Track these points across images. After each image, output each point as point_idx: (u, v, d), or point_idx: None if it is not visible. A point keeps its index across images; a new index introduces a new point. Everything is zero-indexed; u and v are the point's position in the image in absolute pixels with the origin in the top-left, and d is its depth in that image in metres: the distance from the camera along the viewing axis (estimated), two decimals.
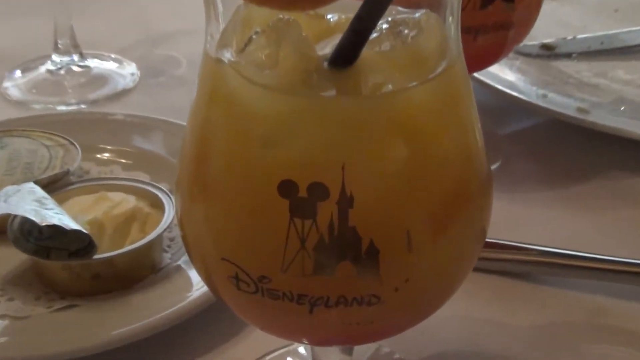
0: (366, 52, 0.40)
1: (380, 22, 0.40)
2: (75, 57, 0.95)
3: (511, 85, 0.83)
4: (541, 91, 0.84)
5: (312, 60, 0.40)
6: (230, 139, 0.42)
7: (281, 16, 0.41)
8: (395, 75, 0.40)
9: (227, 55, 0.42)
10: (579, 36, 0.96)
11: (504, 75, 0.85)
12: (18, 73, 0.95)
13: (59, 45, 0.95)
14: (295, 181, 0.39)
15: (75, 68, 0.95)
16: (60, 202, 0.63)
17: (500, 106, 0.83)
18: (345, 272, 0.40)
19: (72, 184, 0.67)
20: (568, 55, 0.93)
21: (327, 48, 0.41)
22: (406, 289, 0.41)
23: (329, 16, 0.43)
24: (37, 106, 0.89)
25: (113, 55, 0.99)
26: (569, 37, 0.96)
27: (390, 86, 0.40)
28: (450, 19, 0.43)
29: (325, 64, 0.40)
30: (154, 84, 0.94)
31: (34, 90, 0.92)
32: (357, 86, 0.40)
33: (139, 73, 0.96)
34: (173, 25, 1.07)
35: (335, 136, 0.39)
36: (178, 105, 0.86)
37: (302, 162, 0.39)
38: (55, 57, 0.95)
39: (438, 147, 0.41)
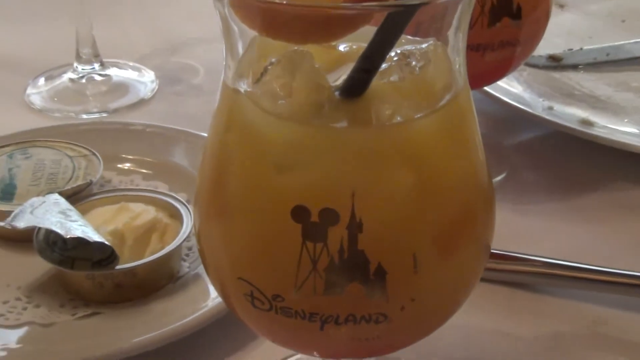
0: (376, 83, 0.41)
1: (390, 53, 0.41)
2: (97, 66, 0.96)
3: (518, 97, 0.84)
4: (547, 103, 0.85)
5: (324, 91, 0.41)
6: (246, 164, 0.43)
7: (295, 47, 0.42)
8: (404, 105, 0.41)
9: (244, 86, 0.43)
10: (586, 47, 0.96)
11: (510, 86, 0.86)
12: (41, 81, 0.96)
13: (81, 55, 0.96)
14: (307, 207, 0.40)
15: (96, 77, 0.96)
16: (83, 212, 0.64)
17: (507, 117, 0.83)
18: (354, 292, 0.41)
19: (95, 194, 0.68)
20: (574, 67, 0.94)
21: (338, 78, 0.42)
22: (412, 307, 0.43)
23: (340, 46, 0.44)
24: (59, 114, 0.90)
25: (132, 64, 1.00)
26: (576, 49, 0.96)
27: (398, 117, 0.41)
28: (455, 51, 0.44)
29: (337, 94, 0.41)
30: (172, 93, 0.95)
31: (55, 99, 0.93)
32: (368, 116, 0.41)
33: (157, 81, 0.96)
34: (190, 33, 1.08)
35: (346, 164, 0.40)
36: (196, 114, 0.88)
37: (314, 188, 0.40)
38: (77, 66, 0.96)
39: (444, 174, 0.43)
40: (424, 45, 0.44)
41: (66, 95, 0.94)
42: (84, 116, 0.90)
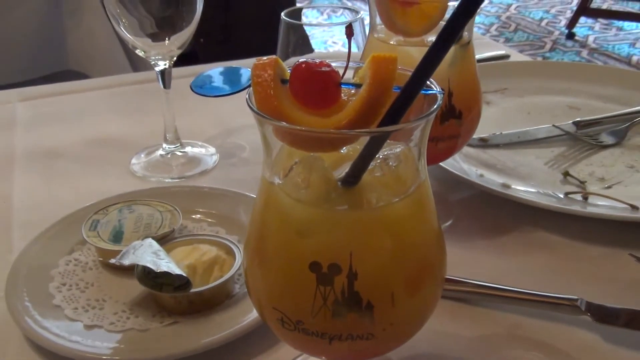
0: (366, 177, 0.41)
1: None
2: (178, 146, 0.96)
3: (459, 168, 0.83)
4: (479, 171, 0.84)
5: (331, 183, 0.41)
6: (278, 232, 0.43)
7: (310, 154, 0.42)
8: (385, 193, 0.41)
9: (277, 180, 0.43)
10: (504, 132, 0.95)
11: (454, 160, 0.85)
12: (141, 156, 0.96)
13: (167, 137, 0.96)
14: (319, 262, 0.40)
15: (177, 153, 0.96)
16: (168, 251, 0.64)
17: (451, 181, 0.83)
18: (352, 319, 0.41)
19: (176, 238, 0.68)
20: (497, 146, 0.93)
21: (341, 173, 0.42)
22: (391, 329, 0.42)
23: (342, 150, 0.44)
24: (153, 179, 0.89)
25: (200, 143, 1.00)
26: (497, 133, 0.95)
27: (382, 202, 0.41)
28: (418, 157, 0.44)
29: (340, 184, 0.41)
30: (228, 164, 0.94)
31: (150, 168, 0.92)
32: (361, 201, 0.41)
33: (218, 156, 0.96)
34: (240, 122, 1.08)
35: (346, 234, 0.40)
36: (244, 179, 0.87)
37: (324, 250, 0.40)
38: (164, 145, 0.96)
39: (412, 239, 0.42)
40: (397, 150, 0.43)
41: (157, 166, 0.93)
42: (169, 181, 0.89)
